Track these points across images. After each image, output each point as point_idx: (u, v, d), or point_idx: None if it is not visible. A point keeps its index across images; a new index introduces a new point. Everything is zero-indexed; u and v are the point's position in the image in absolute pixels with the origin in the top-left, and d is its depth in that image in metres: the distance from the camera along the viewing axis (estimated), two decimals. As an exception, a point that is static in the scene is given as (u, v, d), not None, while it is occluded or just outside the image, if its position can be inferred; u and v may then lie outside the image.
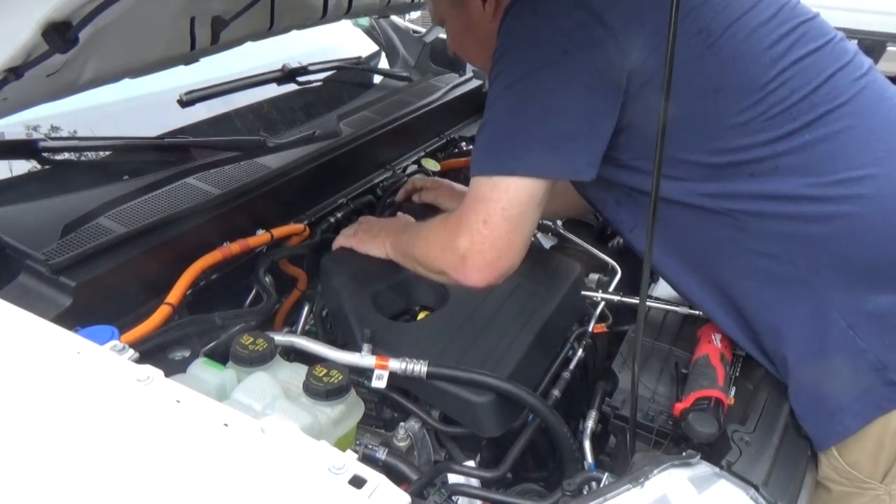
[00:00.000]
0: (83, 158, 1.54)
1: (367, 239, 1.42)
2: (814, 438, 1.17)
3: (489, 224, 1.12)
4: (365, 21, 2.51)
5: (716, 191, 1.13)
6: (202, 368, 1.07)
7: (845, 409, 1.12)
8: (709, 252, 1.19)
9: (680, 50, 1.04)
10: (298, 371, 1.09)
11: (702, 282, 1.22)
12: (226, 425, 0.76)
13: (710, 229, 1.16)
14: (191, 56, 1.46)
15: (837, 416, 1.13)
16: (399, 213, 1.56)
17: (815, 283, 1.12)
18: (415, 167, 1.88)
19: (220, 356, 1.13)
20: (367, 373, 1.14)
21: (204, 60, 1.53)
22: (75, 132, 1.54)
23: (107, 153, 1.58)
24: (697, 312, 1.40)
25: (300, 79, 2.00)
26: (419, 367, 1.12)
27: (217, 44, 1.46)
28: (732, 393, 1.18)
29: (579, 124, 1.10)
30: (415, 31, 2.52)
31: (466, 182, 1.28)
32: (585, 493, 0.96)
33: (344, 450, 0.74)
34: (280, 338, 1.18)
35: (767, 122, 1.09)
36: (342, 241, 1.45)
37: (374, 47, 2.46)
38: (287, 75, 1.96)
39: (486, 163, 1.14)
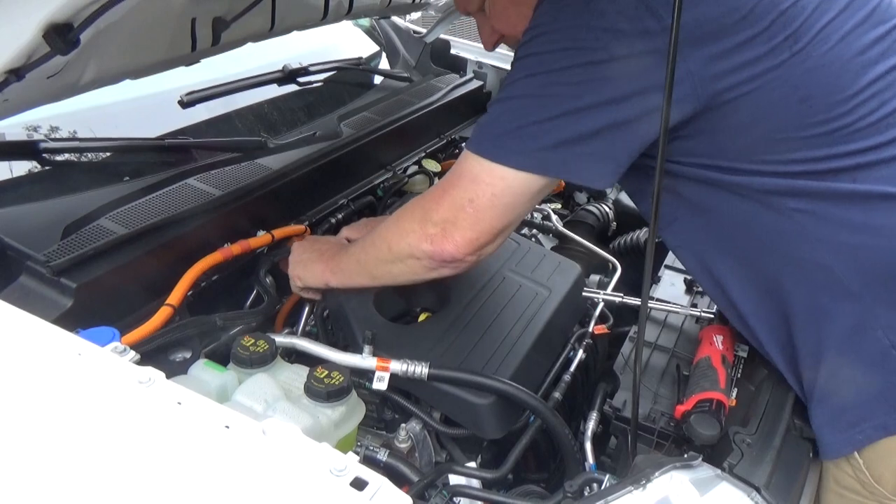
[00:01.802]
0: (84, 159, 1.53)
1: (295, 269, 1.34)
2: (829, 445, 1.14)
3: (475, 204, 1.06)
4: (365, 21, 2.51)
5: (784, 188, 1.06)
6: (203, 370, 1.06)
7: (867, 419, 1.10)
8: (764, 250, 1.12)
9: (765, 57, 0.99)
10: (299, 372, 1.09)
11: (749, 281, 1.16)
12: (227, 427, 0.76)
13: (771, 227, 1.09)
14: (192, 57, 1.46)
15: (859, 426, 1.11)
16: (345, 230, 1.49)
17: (865, 298, 1.07)
18: (415, 168, 1.88)
19: (221, 357, 1.13)
20: (368, 374, 1.14)
21: (205, 61, 1.53)
22: (75, 133, 1.54)
23: (107, 154, 1.58)
24: (698, 313, 1.40)
25: (301, 79, 1.99)
26: (420, 369, 1.12)
27: (218, 45, 1.46)
28: (734, 395, 1.18)
29: (604, 132, 1.01)
30: (415, 32, 2.52)
31: None
32: (587, 494, 0.96)
33: (345, 451, 0.74)
34: (281, 339, 1.18)
35: (854, 135, 1.03)
36: (293, 287, 1.37)
37: (375, 48, 2.46)
38: (287, 76, 1.96)
39: (488, 144, 1.06)
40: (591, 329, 1.43)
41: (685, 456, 0.92)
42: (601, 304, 1.48)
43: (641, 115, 1.00)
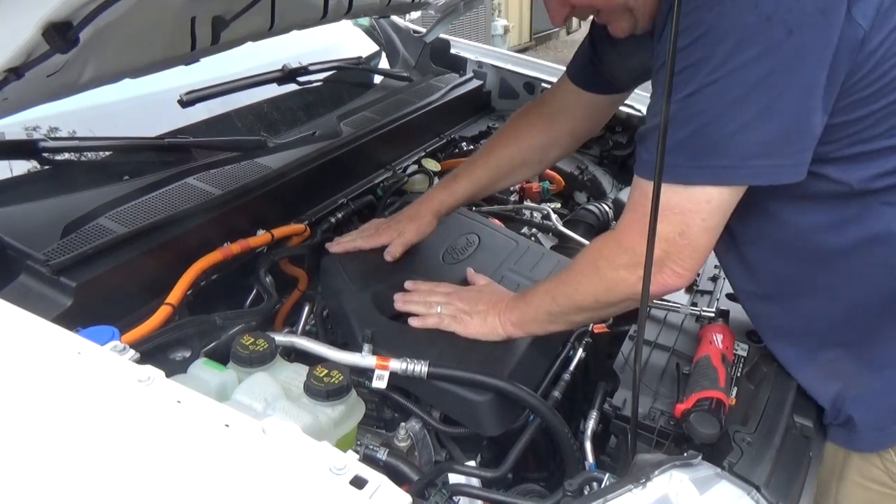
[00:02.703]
0: (83, 158, 1.53)
1: (471, 322, 1.26)
2: (866, 440, 1.16)
3: (687, 235, 1.00)
4: (365, 21, 2.51)
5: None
6: (203, 369, 1.06)
7: None
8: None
9: None
10: (299, 371, 1.09)
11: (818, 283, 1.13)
12: (227, 426, 0.76)
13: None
14: (191, 56, 1.46)
15: None
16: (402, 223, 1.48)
17: None
18: (415, 167, 1.88)
19: (221, 356, 1.13)
20: (367, 373, 1.14)
21: (204, 60, 1.53)
22: (75, 132, 1.54)
23: (107, 153, 1.58)
24: (698, 311, 1.40)
25: (300, 79, 2.00)
26: (420, 368, 1.12)
27: (217, 44, 1.46)
28: (734, 394, 1.18)
29: (806, 119, 0.93)
30: (415, 31, 2.52)
31: None
32: (586, 493, 0.96)
33: (345, 450, 0.74)
34: (280, 338, 1.18)
35: None
36: (432, 321, 1.27)
37: (375, 47, 2.46)
38: (287, 75, 1.96)
39: (684, 170, 0.97)
40: (590, 328, 1.43)
41: (685, 455, 0.91)
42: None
43: (829, 88, 0.93)
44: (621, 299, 1.10)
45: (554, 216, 1.84)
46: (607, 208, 1.97)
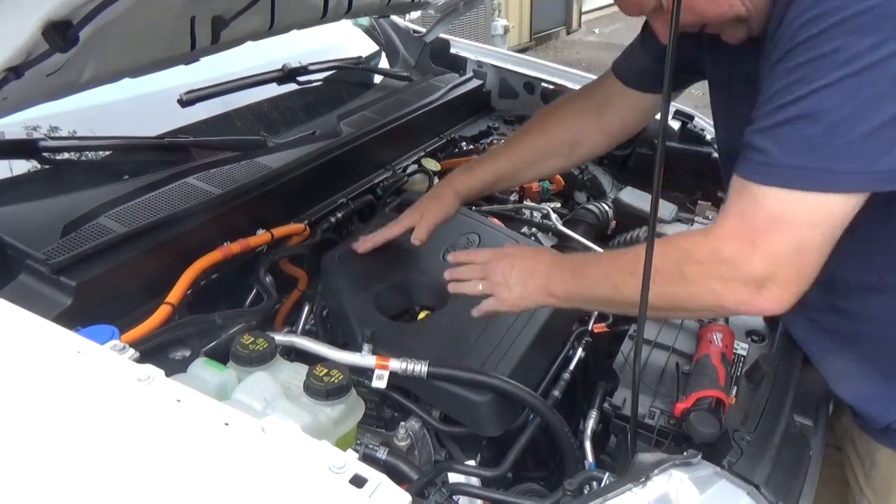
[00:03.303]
0: (83, 158, 1.53)
1: (516, 284, 1.15)
2: None
3: (803, 252, 0.88)
4: (365, 21, 2.51)
5: None
6: (203, 368, 1.07)
7: None
8: None
9: None
10: (299, 371, 1.09)
11: None
12: (226, 425, 0.76)
13: None
14: (191, 55, 1.46)
15: None
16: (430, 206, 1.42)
17: None
18: (415, 167, 1.88)
19: (221, 356, 1.13)
20: (367, 373, 1.14)
21: (204, 60, 1.53)
22: (74, 132, 1.54)
23: (107, 153, 1.58)
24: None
25: (300, 78, 1.99)
26: (420, 368, 1.12)
27: (217, 43, 1.45)
28: (734, 393, 1.18)
29: None
30: (415, 31, 2.52)
31: None
32: (586, 492, 0.96)
33: (344, 449, 0.74)
34: (280, 337, 1.18)
35: None
36: (489, 306, 1.19)
37: (375, 47, 2.46)
38: (287, 75, 1.96)
39: (809, 176, 0.85)
40: (590, 327, 1.43)
41: (685, 454, 0.92)
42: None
43: None
44: (704, 309, 1.02)
45: (554, 216, 1.84)
46: (607, 208, 1.97)
